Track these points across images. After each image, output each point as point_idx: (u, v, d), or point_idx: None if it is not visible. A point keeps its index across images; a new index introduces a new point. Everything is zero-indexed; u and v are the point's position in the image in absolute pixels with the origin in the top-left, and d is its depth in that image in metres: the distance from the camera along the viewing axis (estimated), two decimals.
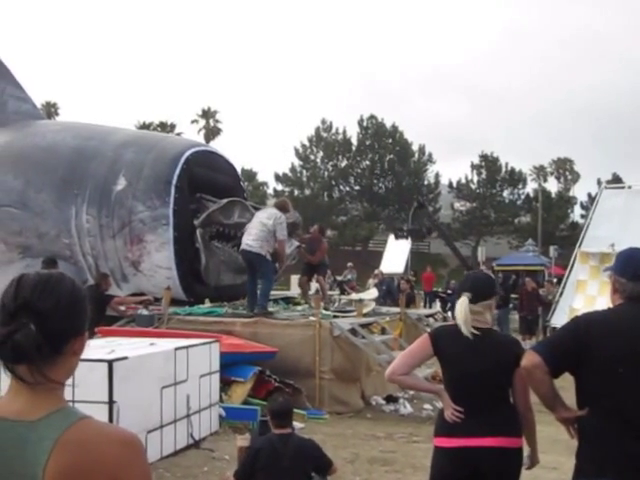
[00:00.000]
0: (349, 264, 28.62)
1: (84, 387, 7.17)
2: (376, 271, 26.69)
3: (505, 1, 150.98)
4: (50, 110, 69.97)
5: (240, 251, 12.69)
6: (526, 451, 4.37)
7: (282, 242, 12.69)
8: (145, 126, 67.33)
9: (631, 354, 3.56)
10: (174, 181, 13.91)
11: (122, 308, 13.01)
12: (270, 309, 13.16)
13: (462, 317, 4.34)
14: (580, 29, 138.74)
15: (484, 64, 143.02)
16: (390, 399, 12.30)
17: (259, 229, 12.42)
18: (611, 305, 3.87)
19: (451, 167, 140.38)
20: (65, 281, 1.92)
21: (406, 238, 23.51)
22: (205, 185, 14.71)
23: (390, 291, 22.86)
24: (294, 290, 24.00)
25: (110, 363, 7.27)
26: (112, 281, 13.50)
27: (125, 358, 7.56)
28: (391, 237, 34.32)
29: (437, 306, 27.85)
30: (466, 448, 4.19)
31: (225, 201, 14.23)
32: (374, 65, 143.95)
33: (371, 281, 25.89)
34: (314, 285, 17.54)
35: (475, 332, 4.29)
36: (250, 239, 12.39)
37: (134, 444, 1.83)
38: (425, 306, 27.72)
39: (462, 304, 4.39)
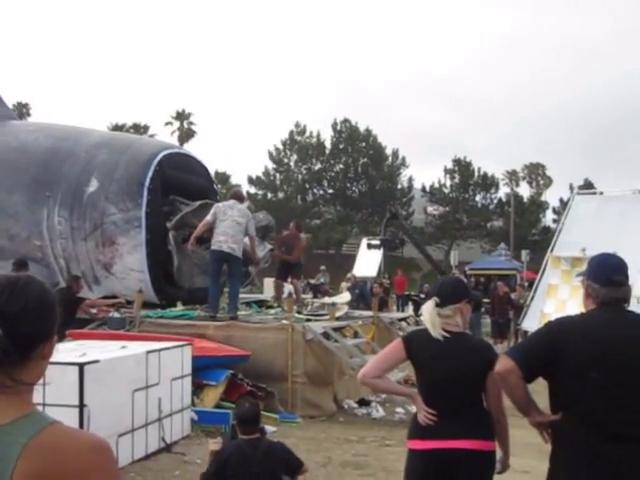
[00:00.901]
0: (322, 267, 28.64)
1: (55, 390, 7.06)
2: (349, 275, 26.70)
3: (488, 9, 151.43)
4: (22, 110, 69.29)
5: (217, 252, 12.32)
6: (498, 455, 4.38)
7: (253, 239, 12.72)
8: (118, 127, 66.95)
9: (603, 359, 3.57)
10: (147, 183, 13.83)
11: (93, 311, 12.92)
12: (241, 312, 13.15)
13: (428, 320, 4.40)
14: (564, 39, 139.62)
15: (463, 71, 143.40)
16: (362, 403, 12.31)
17: (236, 230, 12.32)
18: (583, 310, 3.89)
19: (424, 171, 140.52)
20: (33, 284, 1.88)
21: (378, 249, 23.55)
22: (178, 187, 14.66)
23: (363, 295, 22.86)
24: (267, 293, 24.02)
25: (81, 366, 7.21)
26: (84, 283, 13.40)
27: (96, 361, 7.51)
28: (364, 241, 34.37)
29: (410, 310, 27.91)
30: (439, 450, 4.20)
31: (198, 203, 14.20)
32: (350, 69, 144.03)
33: (344, 285, 25.89)
34: (287, 287, 17.53)
35: (445, 334, 4.31)
36: (230, 241, 12.25)
37: (104, 449, 1.80)
38: (398, 310, 27.80)
39: (427, 307, 4.45)
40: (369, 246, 25.31)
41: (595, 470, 3.52)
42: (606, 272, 3.79)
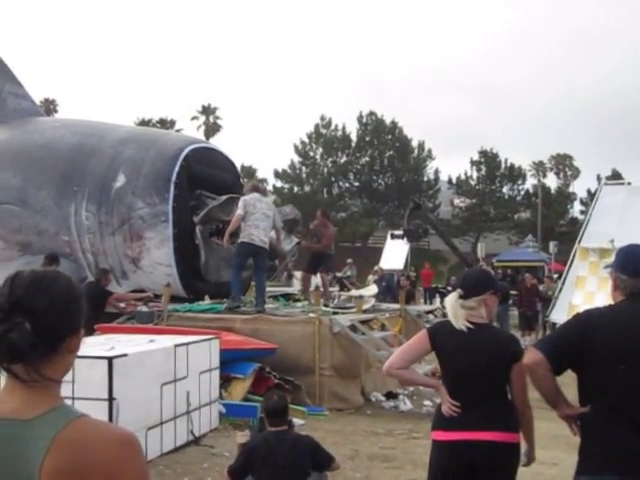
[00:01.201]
0: (349, 260, 28.61)
1: (84, 384, 7.19)
2: (376, 267, 26.67)
3: None
4: (49, 107, 69.78)
5: (248, 244, 12.36)
6: (523, 448, 4.38)
7: (279, 231, 12.88)
8: (145, 122, 67.25)
9: (632, 351, 3.56)
10: (173, 178, 13.89)
11: (122, 305, 13.01)
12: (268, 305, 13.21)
13: (451, 311, 4.42)
14: (584, 26, 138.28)
15: (486, 60, 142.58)
16: (390, 395, 12.31)
17: (266, 223, 12.41)
18: (612, 302, 3.87)
19: (451, 163, 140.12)
20: (60, 279, 1.91)
21: (402, 239, 23.43)
22: (204, 182, 14.70)
23: (390, 287, 22.82)
24: (295, 286, 24.06)
25: (110, 360, 7.26)
26: (112, 278, 13.50)
27: (125, 355, 7.56)
28: (390, 233, 34.29)
29: (437, 302, 27.85)
30: (462, 442, 4.21)
31: (224, 198, 14.22)
32: (374, 62, 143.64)
33: (371, 277, 25.86)
34: (314, 281, 17.53)
35: (469, 326, 4.32)
36: (262, 235, 12.35)
37: (131, 443, 1.82)
38: (425, 302, 27.75)
39: (450, 299, 4.48)
40: (392, 236, 25.24)
41: (626, 462, 3.51)
42: (634, 263, 3.77)
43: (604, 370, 3.58)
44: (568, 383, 3.86)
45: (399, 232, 22.25)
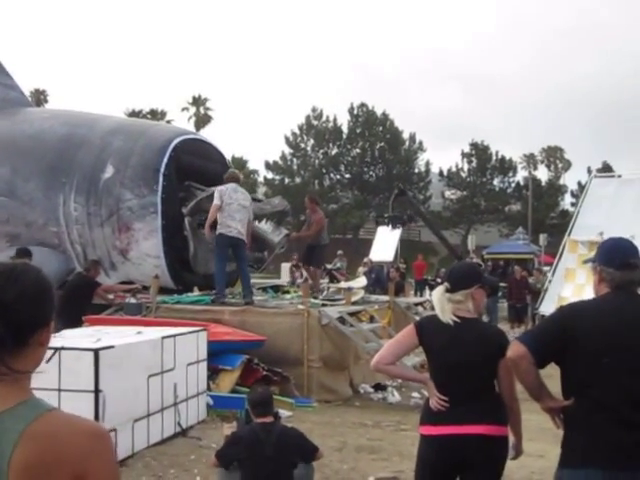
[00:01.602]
0: (339, 252, 28.53)
1: (70, 376, 7.18)
2: (365, 259, 26.62)
3: None
4: (39, 97, 69.59)
5: (226, 237, 12.35)
6: (511, 441, 4.37)
7: (251, 223, 12.89)
8: (135, 113, 67.07)
9: (616, 344, 3.56)
10: (162, 169, 13.84)
11: (110, 296, 12.97)
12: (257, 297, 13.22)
13: (437, 305, 4.43)
14: (578, 18, 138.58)
15: (480, 52, 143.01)
16: (378, 387, 12.32)
17: (243, 214, 12.42)
18: (587, 294, 3.87)
19: (442, 155, 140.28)
20: (29, 272, 1.88)
21: (387, 225, 23.38)
22: (193, 173, 14.67)
23: (379, 279, 22.77)
24: (284, 278, 24.04)
25: (96, 352, 7.23)
26: (101, 269, 13.47)
27: (111, 347, 7.52)
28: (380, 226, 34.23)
29: (427, 294, 27.85)
30: (451, 436, 4.21)
31: (213, 189, 14.15)
32: (366, 53, 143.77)
33: (361, 269, 25.83)
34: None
35: (456, 320, 4.31)
36: (239, 226, 12.33)
37: (101, 436, 1.80)
38: (415, 294, 27.76)
39: (437, 293, 4.49)
40: (377, 222, 25.16)
41: (608, 455, 3.50)
42: (620, 255, 3.77)
43: (587, 363, 3.57)
44: (552, 375, 3.86)
45: (383, 218, 22.20)
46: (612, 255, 3.79)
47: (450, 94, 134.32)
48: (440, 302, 4.40)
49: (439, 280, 27.74)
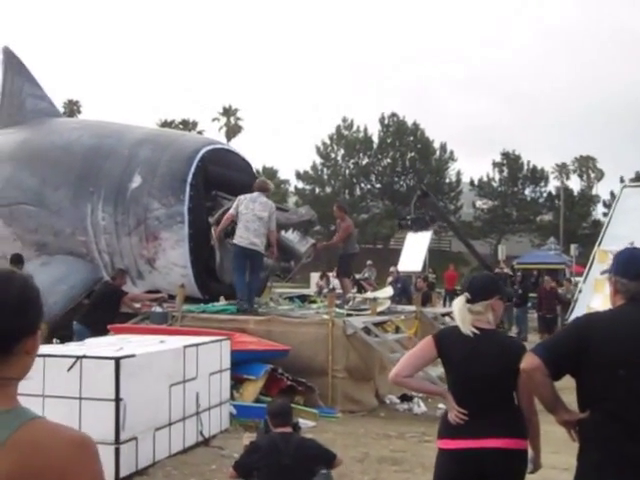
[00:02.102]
0: (368, 262, 28.51)
1: (91, 384, 7.20)
2: (391, 269, 26.54)
3: (537, 1, 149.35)
4: (72, 108, 70.31)
5: (239, 247, 12.53)
6: (530, 455, 4.31)
7: (273, 233, 12.78)
8: (167, 124, 67.51)
9: (632, 356, 3.49)
10: (189, 179, 13.91)
11: (137, 305, 13.05)
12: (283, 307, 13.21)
13: (458, 316, 4.35)
14: (618, 29, 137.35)
15: (511, 63, 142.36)
16: (404, 398, 12.22)
17: (258, 224, 12.44)
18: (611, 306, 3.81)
19: (473, 165, 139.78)
20: (14, 279, 1.87)
21: (410, 228, 23.28)
22: (220, 183, 14.70)
23: (405, 289, 22.68)
24: (313, 288, 24.03)
25: (117, 360, 7.24)
26: (128, 278, 13.55)
27: (132, 355, 7.53)
28: (409, 235, 34.08)
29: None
30: (470, 450, 4.15)
31: None
32: (396, 63, 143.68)
33: (390, 279, 25.73)
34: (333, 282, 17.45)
35: (476, 332, 4.26)
36: (252, 236, 12.37)
37: (86, 445, 1.78)
38: (445, 305, 27.58)
39: (458, 303, 4.40)
40: (400, 226, 24.91)
41: (623, 469, 3.44)
42: (635, 266, 3.71)
43: (603, 376, 3.51)
44: (568, 388, 3.80)
45: (406, 220, 22.08)
46: (627, 266, 3.73)
47: (482, 104, 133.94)
48: (461, 312, 4.35)
49: None
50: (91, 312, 12.21)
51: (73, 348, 8.24)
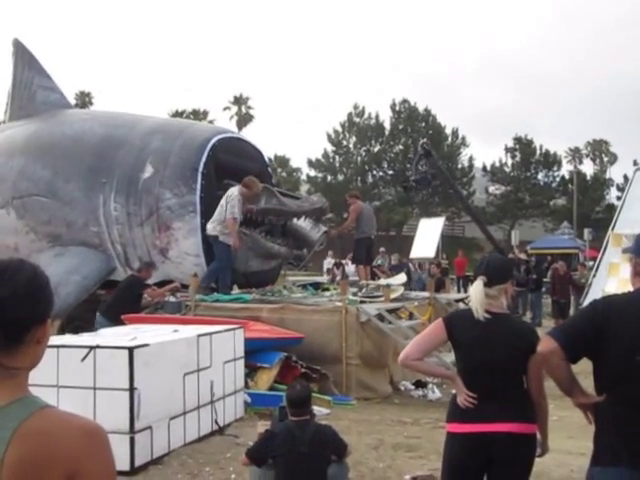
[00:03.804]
0: (381, 249, 28.50)
1: (105, 374, 7.22)
2: (393, 256, 26.70)
3: None
4: (84, 99, 70.33)
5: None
6: (538, 439, 4.30)
7: (228, 219, 13.01)
8: (178, 114, 67.47)
9: None
10: (201, 168, 13.91)
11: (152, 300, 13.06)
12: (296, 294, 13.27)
13: (476, 300, 4.30)
14: (628, 12, 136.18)
15: (523, 46, 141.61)
16: (419, 384, 12.20)
17: (217, 211, 13.06)
18: (631, 288, 3.77)
19: (485, 150, 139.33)
20: (24, 269, 1.87)
21: (415, 189, 23.13)
22: (232, 172, 14.66)
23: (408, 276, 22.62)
24: (326, 275, 24.02)
25: (131, 350, 7.24)
26: (153, 271, 13.55)
27: (146, 345, 7.54)
28: (422, 221, 34.04)
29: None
30: (479, 434, 4.14)
31: None
32: (406, 49, 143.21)
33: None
34: (347, 269, 17.44)
35: (487, 316, 4.23)
36: (209, 224, 13.17)
37: (96, 434, 1.78)
38: (458, 291, 27.55)
39: (477, 287, 4.35)
40: (405, 188, 24.70)
41: (637, 455, 3.41)
42: None
43: (620, 360, 3.48)
44: (583, 372, 3.77)
45: (409, 182, 22.00)
46: None
47: (493, 88, 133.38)
48: (480, 297, 4.30)
49: None
50: (114, 304, 12.19)
51: (87, 338, 8.25)
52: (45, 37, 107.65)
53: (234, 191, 13.11)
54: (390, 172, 66.70)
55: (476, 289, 4.35)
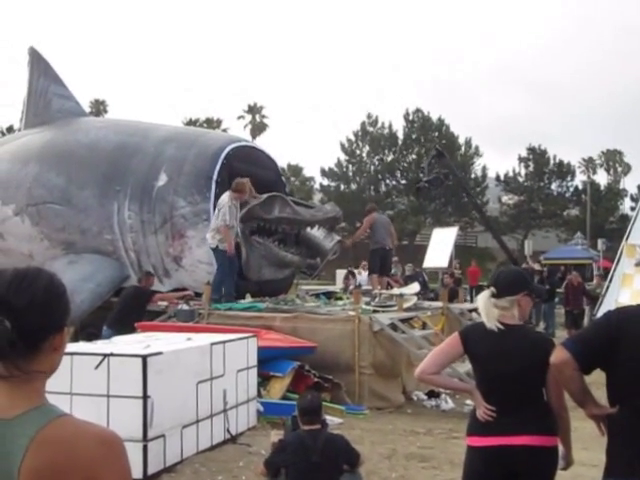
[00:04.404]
0: (394, 259, 28.46)
1: (118, 382, 7.23)
2: (408, 265, 26.69)
3: None
4: (99, 108, 70.64)
5: None
6: (560, 451, 4.26)
7: (220, 227, 13.04)
8: (192, 122, 67.72)
9: None
10: (215, 176, 13.97)
11: (164, 304, 13.07)
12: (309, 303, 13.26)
13: (483, 311, 4.32)
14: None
15: (537, 56, 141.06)
16: (432, 394, 12.17)
17: (212, 221, 13.21)
18: None
19: (499, 160, 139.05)
20: (41, 277, 1.88)
21: (428, 190, 23.10)
22: None
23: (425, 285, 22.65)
24: (339, 285, 24.00)
25: (144, 358, 7.26)
26: (155, 279, 13.58)
27: (160, 353, 7.55)
28: (435, 231, 33.99)
29: None
30: (499, 447, 4.11)
31: (265, 196, 14.19)
32: (419, 59, 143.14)
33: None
34: (360, 278, 17.40)
35: (501, 327, 4.21)
36: (208, 235, 13.19)
37: (112, 442, 1.79)
38: (472, 301, 27.47)
39: (483, 298, 4.36)
40: (418, 190, 24.70)
41: None
42: None
43: (632, 371, 3.47)
44: (596, 382, 3.76)
45: (423, 183, 21.96)
46: None
47: (507, 98, 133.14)
48: (486, 307, 4.30)
49: None
50: (120, 316, 12.21)
51: (100, 346, 8.27)
52: (60, 46, 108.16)
53: (224, 198, 13.13)
54: (403, 181, 66.64)
55: (482, 299, 4.36)
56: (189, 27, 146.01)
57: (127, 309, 12.31)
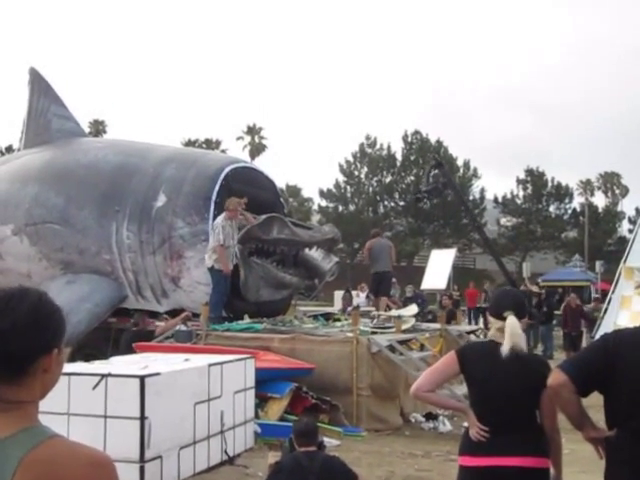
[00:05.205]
0: (392, 280, 28.46)
1: (116, 403, 7.21)
2: (408, 287, 26.73)
3: (563, 16, 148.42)
4: (98, 128, 70.82)
5: None
6: (552, 474, 4.26)
7: (215, 246, 13.14)
8: (191, 143, 67.86)
9: None
10: (213, 197, 13.98)
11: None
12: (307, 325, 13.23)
13: (516, 335, 4.23)
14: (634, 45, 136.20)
15: (535, 79, 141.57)
16: (430, 416, 12.13)
17: (210, 241, 13.22)
18: None
19: (497, 182, 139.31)
20: (27, 298, 1.85)
21: (428, 199, 23.21)
22: None
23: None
24: (337, 306, 24.01)
25: (142, 379, 7.25)
26: (152, 297, 13.56)
27: (157, 374, 7.54)
28: (433, 252, 34.04)
29: (482, 322, 27.54)
30: (491, 467, 4.11)
31: (264, 217, 14.19)
32: (419, 81, 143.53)
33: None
34: (356, 300, 17.43)
35: (506, 352, 4.19)
36: (205, 255, 13.25)
37: (103, 464, 1.77)
38: (470, 322, 27.46)
39: (515, 323, 4.26)
40: (417, 200, 24.82)
41: None
42: None
43: (630, 394, 3.47)
44: (594, 405, 3.76)
45: (421, 193, 22.07)
46: None
47: (505, 121, 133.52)
48: (519, 331, 4.25)
49: None
50: None
51: (98, 366, 8.26)
52: (61, 66, 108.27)
53: (218, 219, 13.25)
54: (401, 203, 66.78)
55: (514, 325, 4.25)
56: (189, 48, 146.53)
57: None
